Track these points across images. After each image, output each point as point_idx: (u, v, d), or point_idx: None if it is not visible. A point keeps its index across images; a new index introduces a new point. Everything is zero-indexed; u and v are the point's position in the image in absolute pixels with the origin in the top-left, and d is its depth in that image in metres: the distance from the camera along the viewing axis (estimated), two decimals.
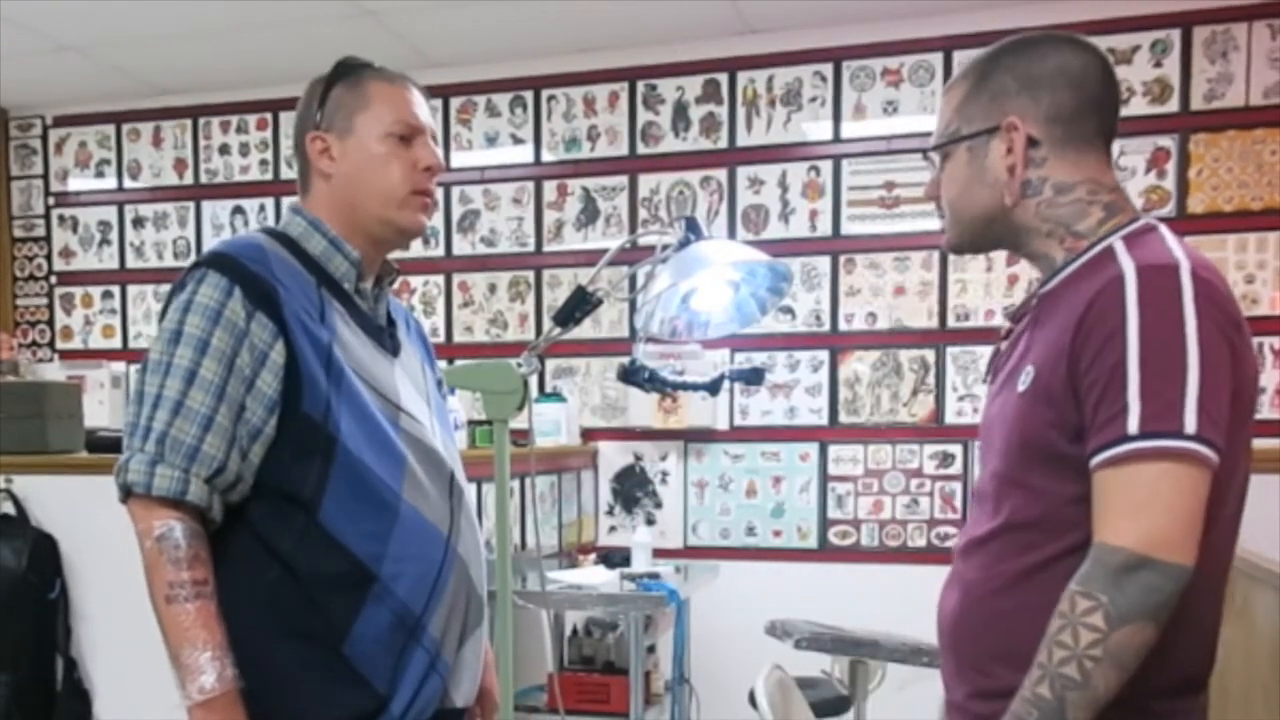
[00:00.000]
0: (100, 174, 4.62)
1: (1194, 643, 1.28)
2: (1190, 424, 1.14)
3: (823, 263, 3.85)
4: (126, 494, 1.41)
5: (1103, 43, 3.81)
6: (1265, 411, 3.48)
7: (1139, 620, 1.13)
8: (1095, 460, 1.17)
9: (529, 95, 4.13)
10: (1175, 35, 3.52)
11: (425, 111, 1.59)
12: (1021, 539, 1.27)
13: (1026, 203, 1.34)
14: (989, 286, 3.70)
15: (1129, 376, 1.15)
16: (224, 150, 4.48)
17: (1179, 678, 1.28)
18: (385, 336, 1.59)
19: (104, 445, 2.95)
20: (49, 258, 4.69)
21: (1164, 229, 1.30)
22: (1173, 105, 3.52)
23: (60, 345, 4.69)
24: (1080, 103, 1.33)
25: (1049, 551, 1.25)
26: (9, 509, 2.84)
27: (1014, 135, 1.32)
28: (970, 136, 1.36)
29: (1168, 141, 3.52)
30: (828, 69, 3.82)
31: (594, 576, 3.38)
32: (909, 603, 2.61)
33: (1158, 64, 3.53)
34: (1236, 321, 1.21)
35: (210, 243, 4.43)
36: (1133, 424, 1.15)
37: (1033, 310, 1.37)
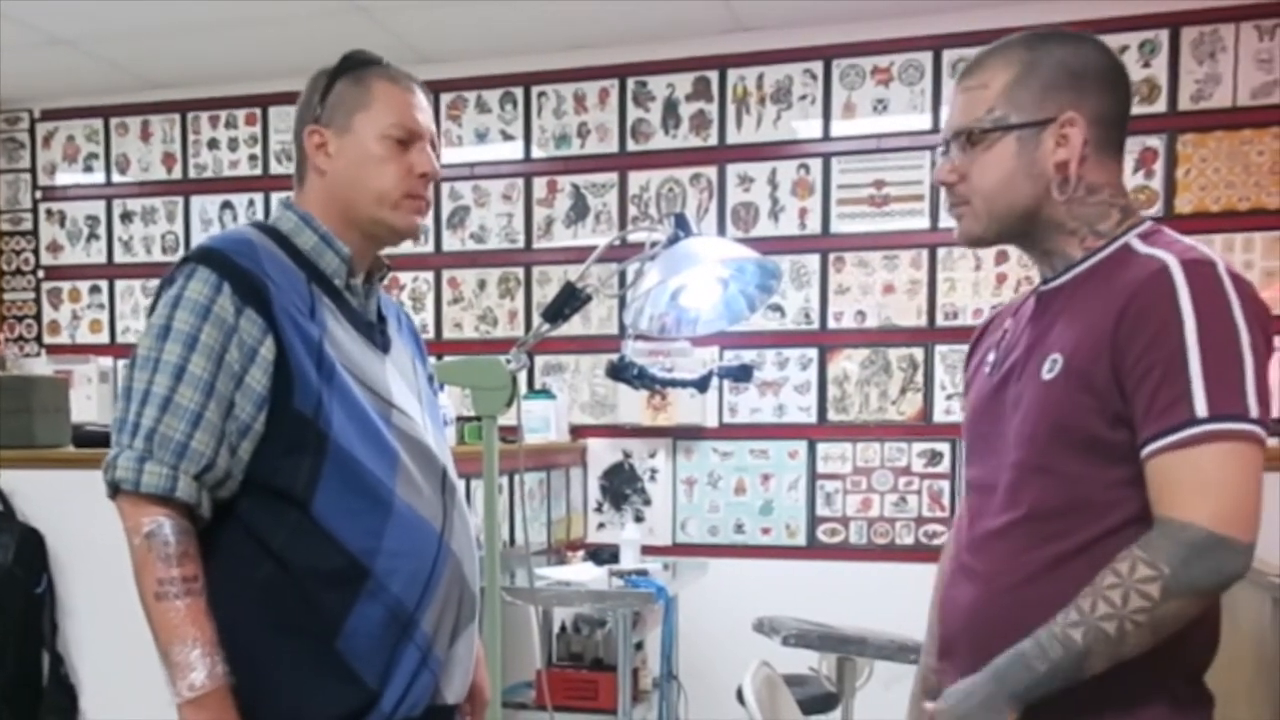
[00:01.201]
0: (88, 168, 4.60)
1: (1210, 628, 1.32)
2: (1254, 407, 1.18)
3: (812, 260, 3.85)
4: (115, 491, 1.40)
5: None
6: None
7: (1194, 596, 1.17)
8: (1158, 444, 1.19)
9: (519, 91, 4.13)
10: (1163, 36, 3.53)
11: (427, 116, 1.58)
12: (1049, 527, 1.28)
13: (1060, 200, 1.35)
14: (977, 285, 3.71)
15: (1190, 361, 1.18)
16: (213, 145, 4.47)
17: (1199, 664, 1.32)
18: (376, 332, 1.59)
19: (91, 440, 2.94)
20: (36, 252, 4.67)
21: (1167, 228, 1.35)
22: (1160, 105, 3.54)
23: (47, 340, 4.67)
24: (1120, 107, 1.36)
25: (1083, 537, 1.26)
26: None
27: (1071, 131, 1.32)
28: (1021, 126, 1.33)
29: (1155, 142, 3.54)
30: (818, 67, 3.82)
31: (582, 573, 3.38)
32: (897, 600, 2.62)
33: (1146, 64, 3.54)
34: (1269, 315, 1.24)
35: (199, 238, 4.42)
36: (1200, 407, 1.17)
37: (1037, 305, 1.38)
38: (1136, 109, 3.60)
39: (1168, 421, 1.18)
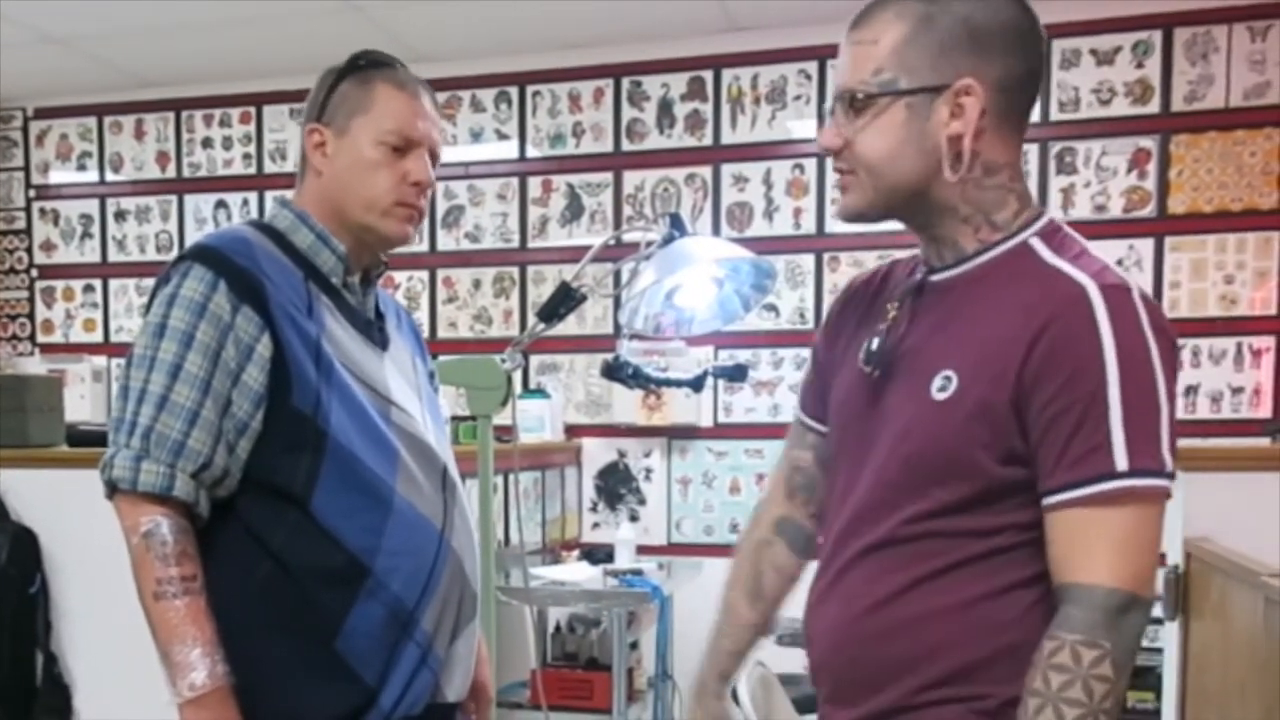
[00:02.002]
0: (82, 167, 4.59)
1: None
2: (1168, 460, 1.09)
3: (807, 260, 3.86)
4: (112, 490, 1.39)
5: (1085, 43, 3.85)
6: (1244, 411, 3.51)
7: (1131, 663, 1.09)
8: (1069, 495, 1.09)
9: (514, 91, 4.13)
10: (1157, 37, 3.54)
11: (429, 124, 1.54)
12: (918, 548, 1.18)
13: (954, 179, 1.18)
14: None
15: (1111, 408, 1.07)
16: (207, 144, 4.46)
17: None
18: (374, 330, 1.58)
19: (85, 439, 2.93)
20: (30, 251, 4.66)
21: (1067, 227, 1.22)
22: (1154, 106, 3.54)
23: (41, 339, 4.66)
24: (1028, 72, 1.17)
25: (952, 559, 1.16)
26: None
27: (966, 100, 1.14)
28: (912, 92, 1.15)
29: (1149, 142, 3.54)
30: (812, 67, 3.83)
31: (577, 573, 3.38)
32: None
33: (1139, 65, 3.55)
34: (1176, 344, 1.15)
35: (193, 236, 4.42)
36: (1120, 461, 1.07)
37: (923, 294, 1.23)
38: (1130, 110, 3.66)
39: (1083, 473, 1.08)
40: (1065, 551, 1.10)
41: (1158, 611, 2.57)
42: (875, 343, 1.24)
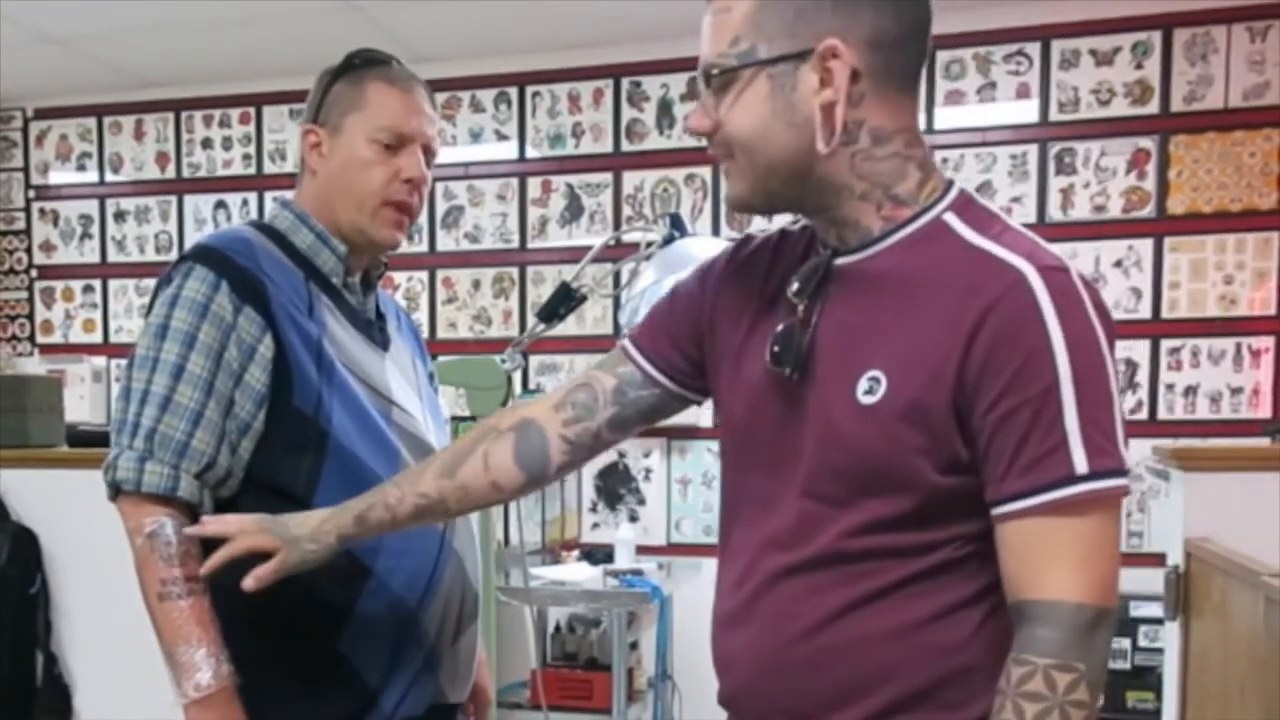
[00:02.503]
0: (81, 167, 4.59)
1: None
2: (1125, 457, 0.99)
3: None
4: (116, 491, 1.39)
5: (1084, 44, 3.85)
6: (1244, 411, 3.52)
7: (1104, 681, 1.00)
8: (1026, 504, 0.98)
9: (513, 91, 4.13)
10: (1156, 37, 3.54)
11: (423, 121, 1.53)
12: (851, 568, 1.06)
13: (840, 152, 1.05)
14: None
15: (1065, 406, 0.96)
16: (206, 144, 4.46)
17: None
18: (375, 330, 1.58)
19: (85, 440, 2.93)
20: (29, 251, 4.66)
21: (978, 197, 1.10)
22: (1153, 107, 3.54)
23: (40, 339, 4.65)
24: (903, 25, 1.06)
25: (892, 578, 1.06)
26: None
27: (834, 65, 1.02)
28: (773, 61, 1.04)
29: (1148, 143, 3.54)
30: None
31: (577, 573, 3.39)
32: None
33: (1139, 65, 3.55)
34: (1114, 326, 1.04)
35: (192, 237, 4.42)
36: (1080, 463, 0.96)
37: (829, 279, 1.10)
38: (1129, 110, 3.66)
39: (1040, 479, 0.97)
40: (1023, 565, 0.99)
41: (1157, 611, 2.57)
42: (783, 339, 1.10)
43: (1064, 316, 0.97)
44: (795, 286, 1.10)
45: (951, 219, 1.05)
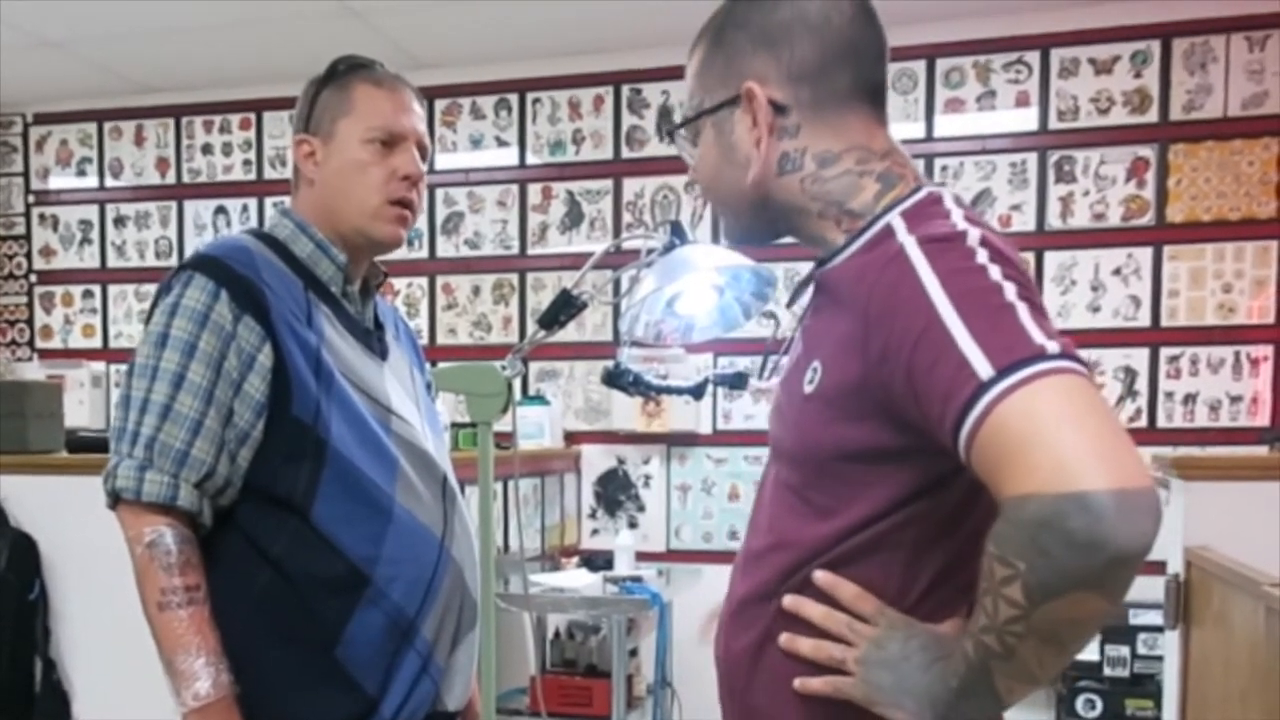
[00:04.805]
0: (81, 172, 4.60)
1: None
2: (1050, 344, 0.92)
3: (805, 269, 3.85)
4: (115, 500, 1.39)
5: (1084, 53, 3.85)
6: (1242, 420, 3.52)
7: (1078, 588, 0.89)
8: (964, 434, 0.93)
9: (514, 98, 4.13)
10: (1155, 46, 3.55)
11: (413, 118, 1.55)
12: (803, 554, 1.11)
13: (788, 180, 1.13)
14: None
15: (951, 328, 0.94)
16: (207, 150, 4.46)
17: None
18: (373, 339, 1.58)
19: (84, 445, 2.93)
20: (29, 256, 4.66)
21: (949, 197, 1.10)
22: (1152, 115, 3.55)
23: (40, 345, 4.66)
24: (826, 54, 1.11)
25: (852, 570, 1.08)
26: None
27: (755, 105, 1.11)
28: (713, 110, 1.15)
29: (1147, 151, 3.55)
30: None
31: (576, 580, 3.38)
32: None
33: (1138, 75, 3.56)
34: (1017, 259, 1.02)
35: (192, 242, 4.42)
36: (983, 369, 0.92)
37: (815, 288, 1.19)
38: (1128, 119, 3.66)
39: (957, 403, 0.93)
40: (990, 483, 0.94)
41: (1157, 619, 2.56)
42: (798, 341, 1.20)
43: (935, 259, 0.99)
44: (786, 300, 1.22)
45: (895, 221, 1.07)
